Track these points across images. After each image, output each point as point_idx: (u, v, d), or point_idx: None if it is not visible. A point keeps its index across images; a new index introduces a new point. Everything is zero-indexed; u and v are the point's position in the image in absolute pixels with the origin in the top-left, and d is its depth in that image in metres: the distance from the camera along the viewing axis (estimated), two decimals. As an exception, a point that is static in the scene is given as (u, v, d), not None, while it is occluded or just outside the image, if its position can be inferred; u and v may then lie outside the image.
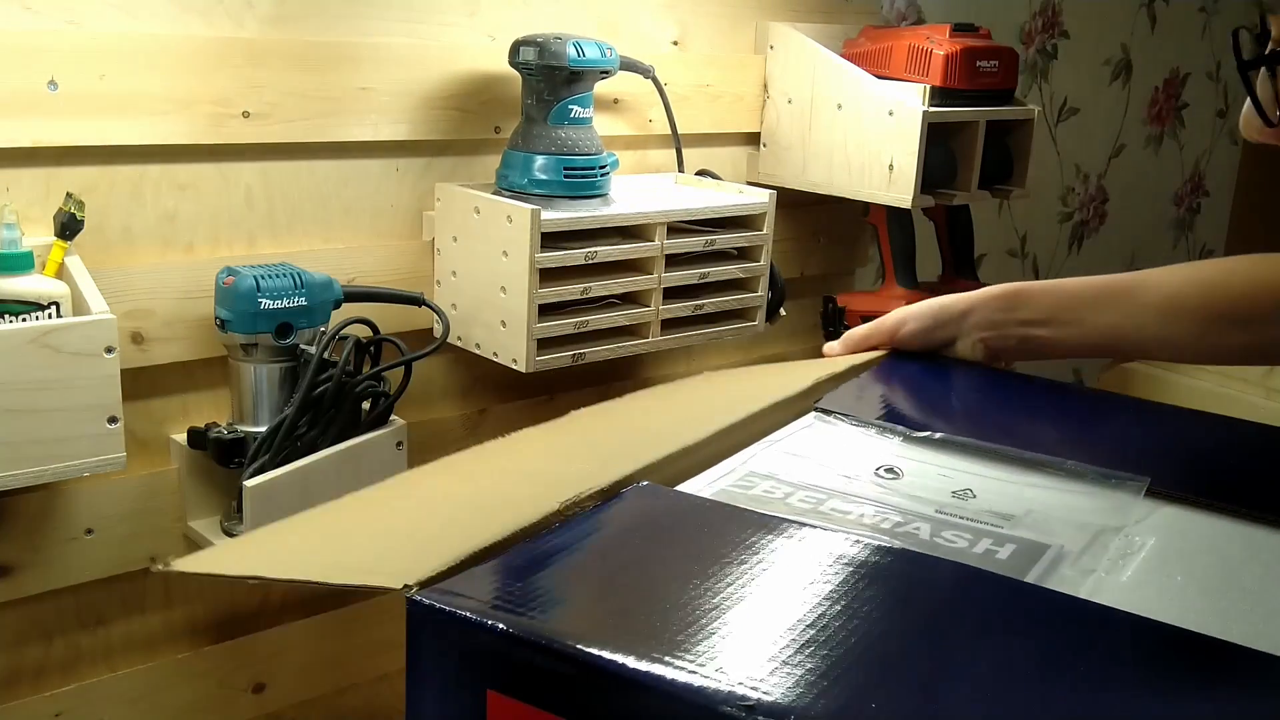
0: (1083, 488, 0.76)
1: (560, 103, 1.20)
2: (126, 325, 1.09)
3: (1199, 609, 0.62)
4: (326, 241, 1.22)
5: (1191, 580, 0.66)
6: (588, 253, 1.19)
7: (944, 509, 0.72)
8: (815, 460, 0.78)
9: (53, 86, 1.01)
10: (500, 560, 0.58)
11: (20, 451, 0.93)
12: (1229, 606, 0.63)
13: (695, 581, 0.58)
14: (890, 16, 1.74)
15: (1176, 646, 0.56)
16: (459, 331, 1.26)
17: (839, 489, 0.73)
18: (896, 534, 0.68)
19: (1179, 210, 2.52)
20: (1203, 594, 0.64)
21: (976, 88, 1.41)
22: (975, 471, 0.78)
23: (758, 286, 1.36)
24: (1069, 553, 0.67)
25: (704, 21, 1.49)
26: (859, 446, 0.82)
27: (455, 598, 0.53)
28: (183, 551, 1.17)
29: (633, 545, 0.62)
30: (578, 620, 0.53)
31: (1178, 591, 0.64)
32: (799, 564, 0.61)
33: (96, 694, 1.15)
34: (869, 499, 0.72)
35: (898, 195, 1.40)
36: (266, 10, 1.13)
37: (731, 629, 0.53)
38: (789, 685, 0.48)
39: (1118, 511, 0.73)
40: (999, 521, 0.71)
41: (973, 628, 0.56)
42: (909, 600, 0.58)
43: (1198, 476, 0.78)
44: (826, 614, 0.55)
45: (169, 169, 1.10)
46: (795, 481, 0.74)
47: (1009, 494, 0.75)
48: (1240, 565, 0.68)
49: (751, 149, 1.57)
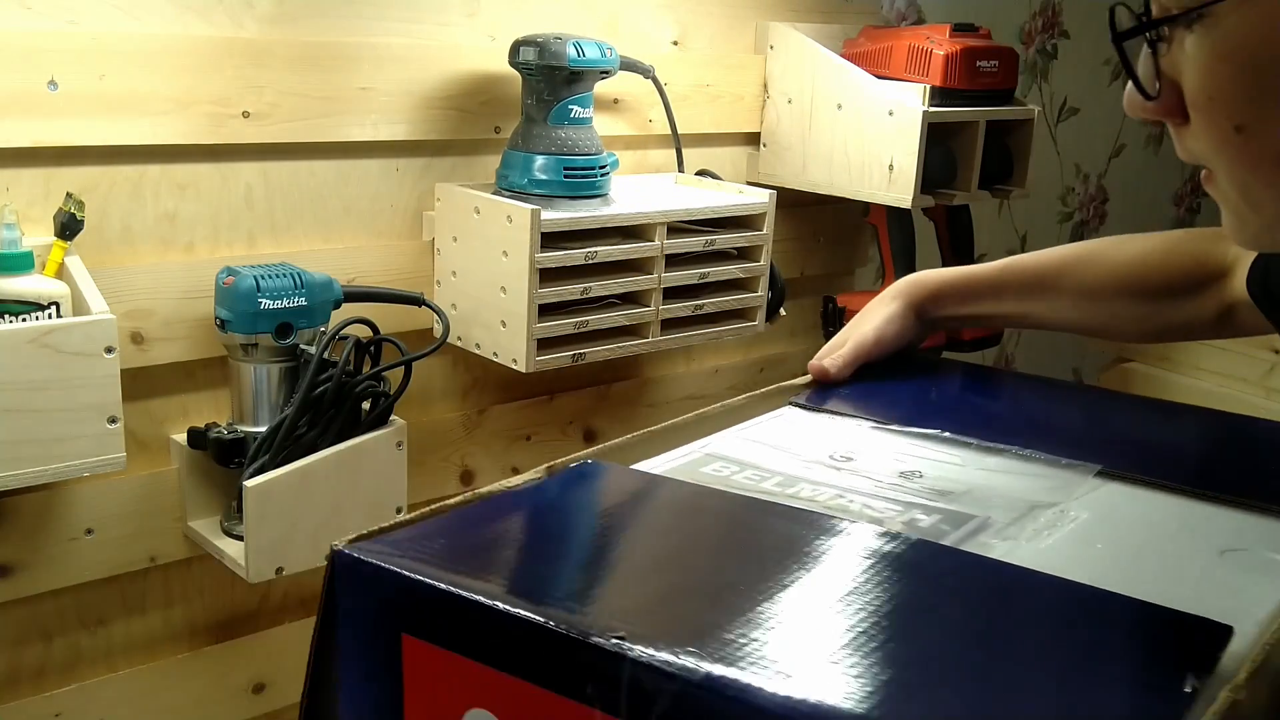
0: (1034, 470, 0.78)
1: (560, 103, 1.20)
2: (126, 325, 1.09)
3: (1106, 570, 0.64)
4: (326, 241, 1.22)
5: (1111, 548, 0.68)
6: (588, 253, 1.19)
7: (886, 487, 0.74)
8: (774, 445, 0.81)
9: (53, 86, 1.01)
10: (429, 523, 0.64)
11: (20, 451, 0.93)
12: (1141, 570, 0.65)
13: (598, 541, 0.64)
14: (890, 16, 1.74)
15: (1042, 589, 0.60)
16: (459, 331, 1.26)
17: (787, 470, 0.76)
18: (827, 506, 0.70)
19: (1179, 210, 2.52)
20: (1117, 559, 0.66)
21: (976, 88, 1.41)
22: (930, 457, 0.80)
23: (758, 286, 1.36)
24: (994, 523, 0.69)
25: (704, 21, 1.49)
26: (824, 435, 0.84)
27: (379, 551, 0.58)
28: (183, 552, 1.17)
29: (557, 512, 0.68)
30: (484, 574, 0.58)
31: (1093, 557, 0.66)
32: (684, 519, 0.68)
33: (96, 694, 1.15)
34: (813, 479, 0.75)
35: (898, 195, 1.40)
36: (266, 10, 1.13)
37: (617, 579, 0.60)
38: (656, 623, 0.53)
39: (1059, 490, 0.75)
40: (935, 498, 0.73)
41: (842, 569, 0.61)
42: (786, 548, 0.63)
43: (1150, 459, 0.80)
44: (691, 560, 0.62)
45: (169, 169, 1.10)
46: (746, 462, 0.77)
47: (957, 476, 0.76)
48: (1169, 536, 0.70)
49: (751, 149, 1.57)
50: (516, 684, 0.54)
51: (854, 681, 0.48)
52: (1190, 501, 0.74)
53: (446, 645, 0.56)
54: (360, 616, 0.60)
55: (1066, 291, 0.98)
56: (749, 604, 0.55)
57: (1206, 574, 0.64)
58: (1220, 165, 0.52)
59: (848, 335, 0.97)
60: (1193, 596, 0.61)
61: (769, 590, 0.57)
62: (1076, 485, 0.76)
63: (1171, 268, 0.96)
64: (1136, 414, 0.97)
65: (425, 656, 0.57)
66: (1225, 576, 0.64)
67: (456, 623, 0.56)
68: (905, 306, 1.00)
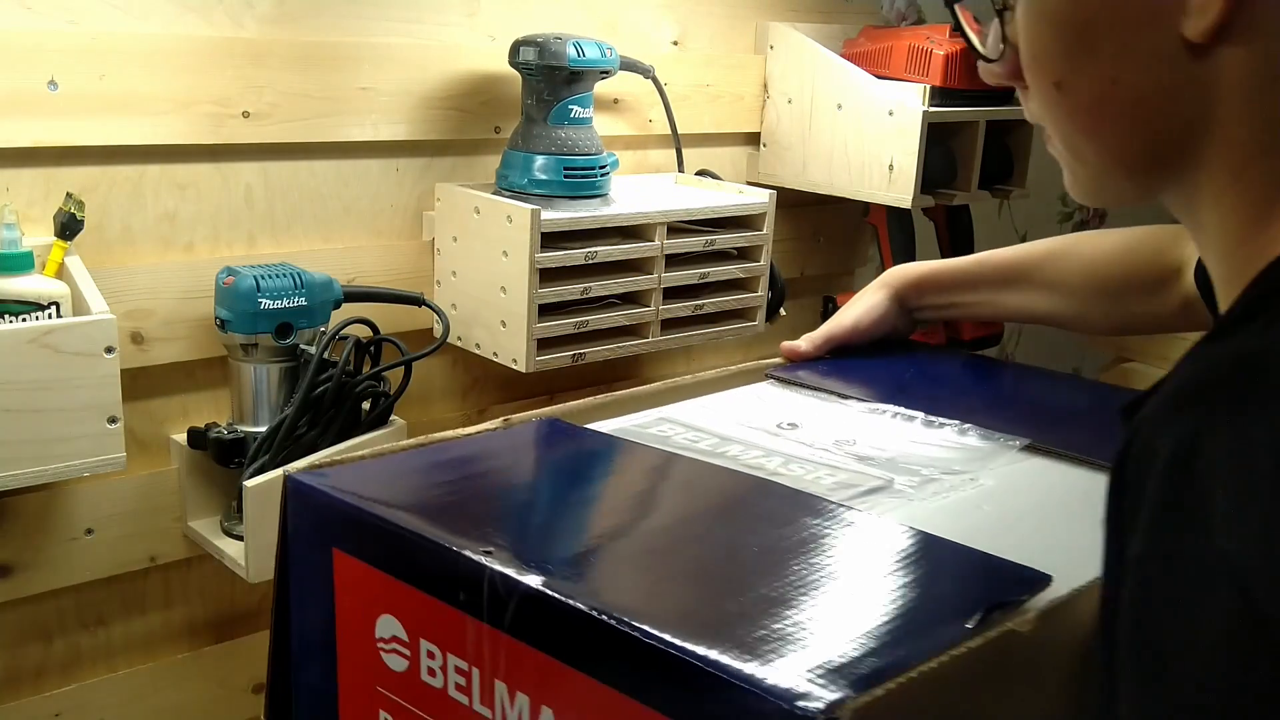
0: (964, 442, 0.82)
1: (560, 103, 1.20)
2: (126, 325, 1.09)
3: (977, 527, 0.68)
4: (326, 241, 1.22)
5: (997, 510, 0.71)
6: (588, 253, 1.19)
7: (813, 452, 0.79)
8: (729, 414, 0.86)
9: (53, 86, 1.01)
10: (379, 460, 0.73)
11: (20, 451, 0.93)
12: (1010, 531, 0.68)
13: (503, 478, 0.73)
14: (890, 16, 1.74)
15: (886, 534, 0.65)
16: (459, 331, 1.26)
17: (727, 434, 0.81)
18: (744, 464, 0.76)
19: (1179, 210, 2.53)
20: (997, 521, 0.70)
21: (976, 88, 1.41)
22: (871, 428, 0.85)
23: (758, 286, 1.36)
24: (896, 486, 0.74)
25: (704, 21, 1.49)
26: (783, 406, 0.89)
27: (320, 479, 0.69)
28: (183, 551, 1.17)
29: (484, 457, 0.75)
30: (399, 499, 0.68)
31: (974, 517, 0.70)
32: (588, 465, 0.76)
33: (96, 694, 1.15)
34: (748, 442, 0.80)
35: (898, 195, 1.40)
36: (266, 10, 1.13)
37: (504, 507, 0.70)
38: (517, 543, 0.63)
39: (978, 461, 0.79)
40: (854, 462, 0.77)
41: (675, 504, 0.71)
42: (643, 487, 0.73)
43: (1082, 436, 0.84)
44: (570, 494, 0.70)
45: (169, 169, 1.10)
46: (693, 426, 0.83)
47: (887, 445, 0.81)
48: (1060, 504, 0.73)
49: (751, 149, 1.57)
50: (414, 593, 0.63)
51: (642, 581, 0.60)
52: (1105, 475, 0.78)
53: (365, 559, 0.66)
54: (304, 533, 0.70)
55: (1038, 285, 1.02)
56: (592, 530, 0.66)
57: (1075, 537, 0.67)
58: (1049, 122, 0.56)
59: None
60: (1041, 551, 0.64)
61: (613, 522, 0.67)
62: (997, 457, 0.79)
63: (1135, 264, 0.98)
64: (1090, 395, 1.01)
65: (350, 569, 0.67)
66: (1094, 540, 0.66)
67: (369, 538, 0.66)
68: (888, 296, 1.05)
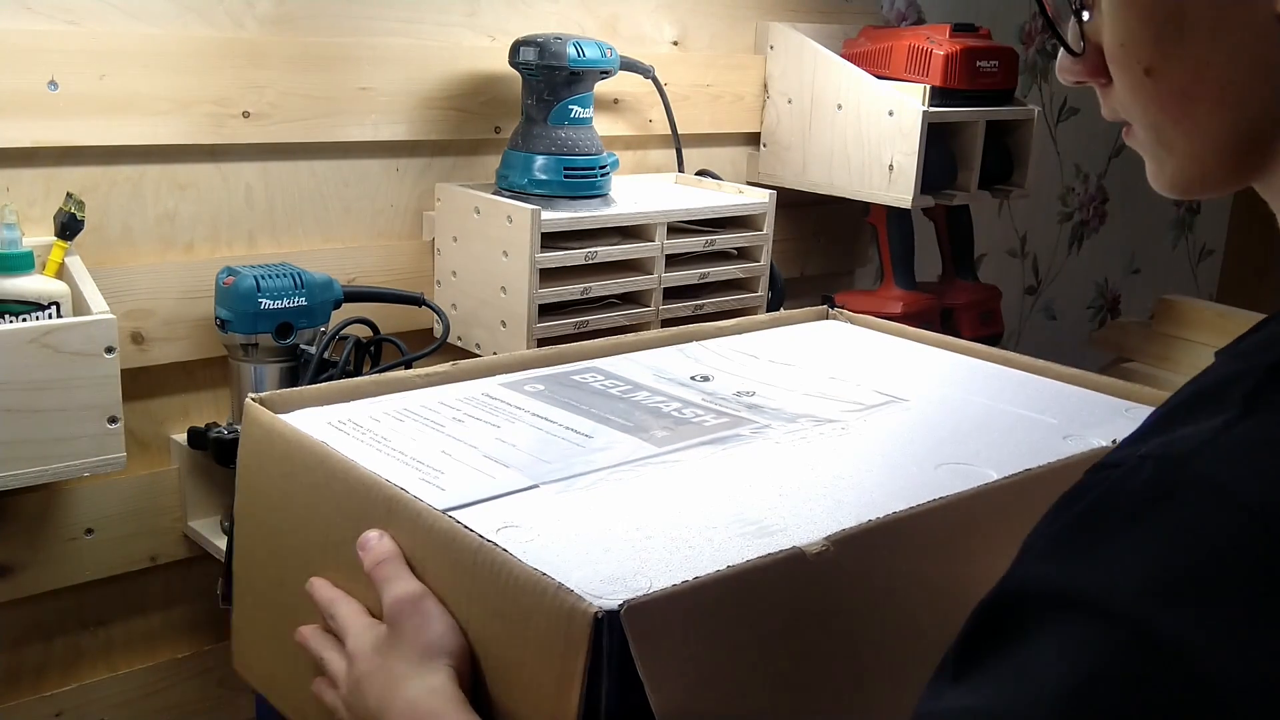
0: (856, 398, 0.88)
1: (560, 103, 1.20)
2: (126, 325, 1.09)
3: (814, 467, 0.73)
4: (326, 241, 1.22)
5: (846, 453, 0.76)
6: (588, 253, 1.19)
7: (708, 399, 0.86)
8: (650, 366, 0.94)
9: (53, 86, 1.01)
10: None
11: (20, 451, 0.93)
12: (845, 471, 0.73)
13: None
14: (890, 16, 1.74)
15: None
16: (459, 331, 1.26)
17: (639, 382, 0.90)
18: (642, 407, 0.84)
19: (1179, 210, 2.52)
20: (838, 461, 0.75)
21: (976, 88, 1.41)
22: (778, 384, 0.90)
23: (758, 286, 1.36)
24: (766, 428, 0.80)
25: (704, 21, 1.49)
26: (714, 364, 0.96)
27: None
28: (183, 551, 1.17)
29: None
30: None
31: (816, 459, 0.75)
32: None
33: (96, 694, 1.15)
34: (654, 388, 0.88)
35: (898, 195, 1.40)
36: (266, 10, 1.13)
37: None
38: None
39: (857, 414, 0.84)
40: (739, 409, 0.84)
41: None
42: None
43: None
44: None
45: (169, 169, 1.10)
46: (619, 377, 0.91)
47: (783, 399, 0.87)
48: (904, 449, 0.78)
49: (751, 149, 1.57)
50: None
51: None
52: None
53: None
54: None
55: None
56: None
57: (897, 476, 0.72)
58: (1135, 112, 0.55)
59: None
60: (856, 490, 0.70)
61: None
62: (876, 411, 0.84)
63: None
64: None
65: None
66: (918, 479, 0.72)
67: None
68: None
